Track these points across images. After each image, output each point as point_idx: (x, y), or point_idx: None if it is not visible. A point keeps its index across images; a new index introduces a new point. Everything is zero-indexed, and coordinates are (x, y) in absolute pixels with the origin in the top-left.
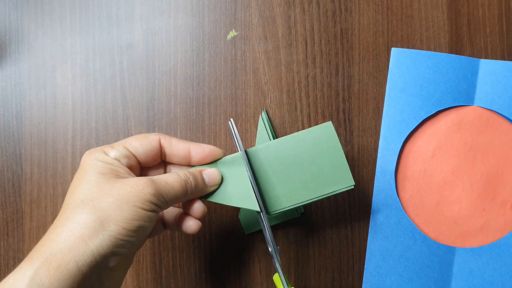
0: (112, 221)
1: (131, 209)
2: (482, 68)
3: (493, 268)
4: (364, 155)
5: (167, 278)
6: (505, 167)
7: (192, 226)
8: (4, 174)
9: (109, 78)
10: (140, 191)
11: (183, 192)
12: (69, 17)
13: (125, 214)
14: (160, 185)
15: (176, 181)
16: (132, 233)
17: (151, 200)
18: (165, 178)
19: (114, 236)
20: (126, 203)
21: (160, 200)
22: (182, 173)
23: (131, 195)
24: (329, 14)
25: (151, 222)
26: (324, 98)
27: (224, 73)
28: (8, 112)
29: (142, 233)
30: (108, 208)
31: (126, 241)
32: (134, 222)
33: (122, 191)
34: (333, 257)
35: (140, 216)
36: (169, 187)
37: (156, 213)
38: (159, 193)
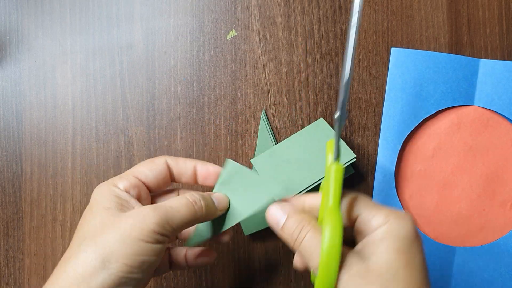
0: (114, 258)
1: (134, 243)
2: (482, 68)
3: (493, 268)
4: (364, 155)
5: (167, 278)
6: (504, 167)
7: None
8: (4, 174)
9: (109, 78)
10: (142, 221)
11: (191, 215)
12: (69, 17)
13: (127, 250)
14: (163, 211)
15: (183, 204)
16: (136, 269)
17: (154, 230)
18: (170, 203)
19: (116, 274)
20: (128, 237)
21: (166, 229)
22: (189, 195)
23: (133, 228)
24: (329, 14)
25: (157, 256)
26: (324, 98)
27: (224, 73)
28: (8, 112)
29: (148, 268)
30: (110, 244)
31: (130, 278)
32: (137, 257)
33: (124, 225)
34: None
35: (143, 251)
36: (175, 212)
37: (162, 244)
38: (163, 221)
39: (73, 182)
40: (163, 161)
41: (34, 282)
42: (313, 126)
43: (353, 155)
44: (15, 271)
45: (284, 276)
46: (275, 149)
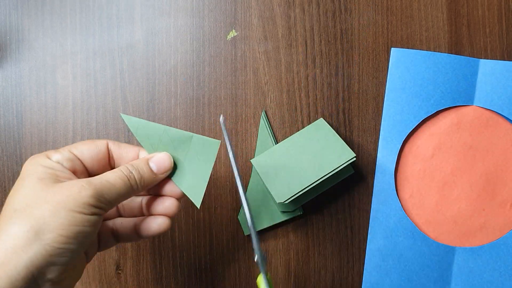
0: (47, 229)
1: (68, 214)
2: (482, 68)
3: (493, 268)
4: (364, 155)
5: (167, 278)
6: (504, 167)
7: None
8: (4, 174)
9: (109, 78)
10: (77, 193)
11: (126, 189)
12: (69, 18)
13: (61, 220)
14: (99, 185)
15: (118, 177)
16: (71, 239)
17: (89, 202)
18: (106, 176)
19: (50, 244)
20: (63, 208)
21: (101, 201)
22: (124, 167)
23: (68, 199)
24: (329, 14)
25: (93, 227)
26: (324, 98)
27: (224, 73)
28: (8, 112)
29: (83, 239)
30: (44, 215)
31: (65, 249)
32: (72, 227)
33: (58, 196)
34: (333, 257)
35: (78, 221)
36: (110, 186)
37: (98, 216)
38: (98, 194)
39: None
40: (104, 143)
41: None
42: (313, 126)
43: (353, 154)
44: None
45: (284, 276)
46: (275, 149)
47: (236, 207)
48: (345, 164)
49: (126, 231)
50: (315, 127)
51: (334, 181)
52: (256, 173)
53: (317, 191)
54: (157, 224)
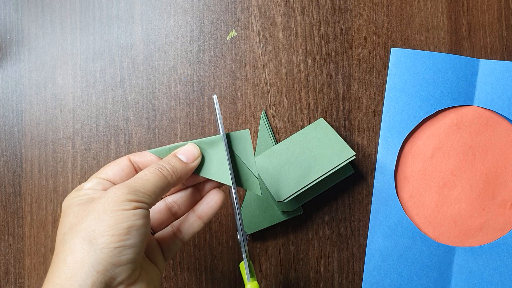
0: (98, 234)
1: (111, 215)
2: (482, 69)
3: (493, 268)
4: (364, 155)
5: (167, 278)
6: (504, 167)
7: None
8: (4, 174)
9: (109, 78)
10: (113, 196)
11: (162, 180)
12: (69, 18)
13: (107, 223)
14: (133, 183)
15: (150, 172)
16: (124, 236)
17: (128, 198)
18: (138, 175)
19: (107, 246)
20: (104, 213)
21: (140, 195)
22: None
23: (107, 203)
24: (329, 14)
25: (142, 219)
26: (324, 98)
27: (224, 73)
28: (8, 112)
29: (137, 233)
30: (90, 224)
31: (122, 247)
32: (120, 225)
33: (97, 206)
34: (333, 257)
35: (124, 217)
36: (144, 180)
37: (143, 209)
38: (134, 189)
39: (73, 182)
40: (125, 158)
41: (34, 282)
42: (313, 126)
43: (353, 153)
44: (15, 271)
45: (284, 276)
46: (275, 149)
47: None
48: (344, 162)
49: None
50: (315, 126)
51: (334, 181)
52: None
53: (317, 191)
54: (212, 197)
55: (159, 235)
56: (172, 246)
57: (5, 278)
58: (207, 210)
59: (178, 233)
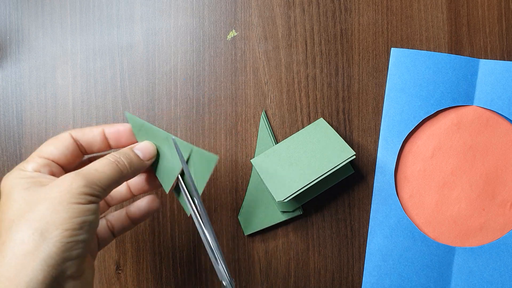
0: (52, 227)
1: (67, 207)
2: (482, 68)
3: (493, 268)
4: (364, 155)
5: (167, 278)
6: (504, 167)
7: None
8: (4, 174)
9: (109, 78)
10: (69, 186)
11: (117, 174)
12: (69, 18)
13: (62, 215)
14: (89, 174)
15: (106, 165)
16: (78, 231)
17: (84, 191)
18: (94, 166)
19: (60, 240)
20: (60, 204)
21: (95, 189)
22: (111, 155)
23: (63, 194)
24: (329, 14)
25: (95, 215)
26: (324, 98)
27: (224, 73)
28: (8, 112)
29: (89, 228)
30: (44, 214)
31: (74, 242)
32: (75, 219)
33: (52, 193)
34: (333, 257)
35: (79, 212)
36: (100, 173)
37: (96, 204)
38: (90, 183)
39: None
40: (67, 135)
41: None
42: (313, 126)
43: (352, 152)
44: None
45: (284, 276)
46: (275, 149)
47: (236, 207)
48: (344, 162)
49: (121, 221)
50: (315, 126)
51: (334, 180)
52: (256, 173)
53: (317, 191)
54: (146, 202)
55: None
56: (106, 238)
57: None
58: (139, 215)
59: (111, 227)
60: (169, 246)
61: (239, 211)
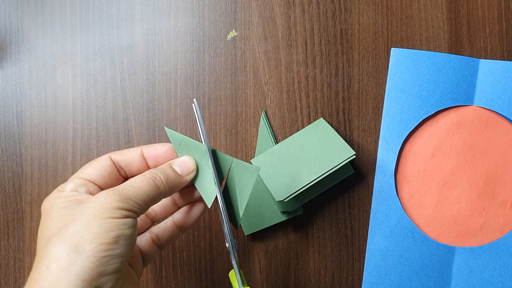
0: (86, 242)
1: (101, 222)
2: (482, 68)
3: (493, 268)
4: (364, 155)
5: (167, 278)
6: (504, 167)
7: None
8: (4, 174)
9: (109, 78)
10: (104, 201)
11: (154, 190)
12: (69, 18)
13: (97, 230)
14: (124, 190)
15: (143, 181)
16: (113, 245)
17: (119, 206)
18: (130, 182)
19: (94, 255)
20: (94, 219)
21: (131, 204)
22: (148, 171)
23: (97, 209)
24: (329, 14)
25: (131, 229)
26: (324, 98)
27: (224, 73)
28: (8, 112)
29: (126, 243)
30: (78, 230)
31: (110, 256)
32: (109, 233)
33: (87, 210)
34: (333, 257)
35: (114, 226)
36: (136, 189)
37: (133, 218)
38: (126, 198)
39: None
40: (106, 157)
41: None
42: (313, 126)
43: (352, 152)
44: (15, 271)
45: (284, 276)
46: (275, 149)
47: None
48: (344, 162)
49: (168, 231)
50: (315, 126)
51: (334, 180)
52: None
53: (317, 191)
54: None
55: (140, 240)
56: (151, 252)
57: (5, 278)
58: (186, 221)
59: (156, 239)
60: (169, 246)
61: None
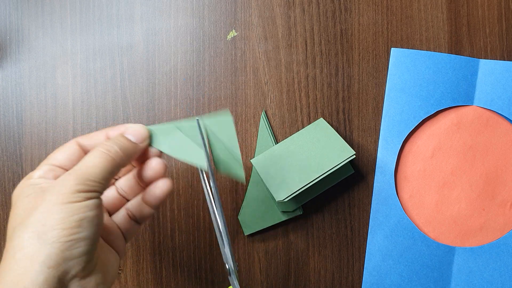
0: (48, 229)
1: (62, 208)
2: (482, 68)
3: (493, 268)
4: (364, 155)
5: (167, 278)
6: (504, 167)
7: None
8: (4, 174)
9: (109, 78)
10: (61, 187)
11: (111, 163)
12: (69, 18)
13: (58, 216)
14: (80, 172)
15: (97, 157)
16: (76, 229)
17: (78, 189)
18: (85, 161)
19: (58, 241)
20: (54, 205)
21: (90, 185)
22: (101, 145)
23: (56, 196)
24: (329, 14)
25: (94, 210)
26: (324, 98)
27: (224, 73)
28: (8, 112)
29: (90, 224)
30: (40, 218)
31: (75, 240)
32: (71, 218)
33: (47, 198)
34: (333, 257)
35: (75, 210)
36: (92, 167)
37: (95, 199)
38: (84, 179)
39: None
40: (73, 142)
41: None
42: (313, 126)
43: (352, 152)
44: None
45: (284, 276)
46: (275, 149)
47: (236, 207)
48: (344, 161)
49: (140, 208)
50: (315, 126)
51: (334, 180)
52: (256, 173)
53: (317, 191)
54: (158, 188)
55: (117, 217)
56: (130, 228)
57: None
58: (154, 198)
59: (132, 216)
60: (169, 246)
61: (239, 211)
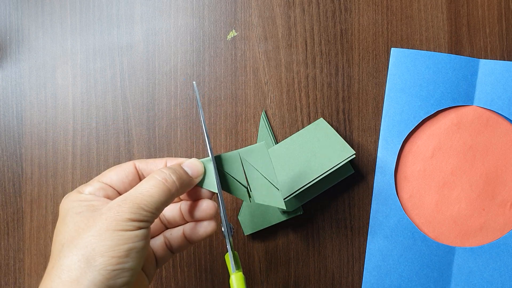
0: (97, 254)
1: (113, 235)
2: (482, 69)
3: (493, 268)
4: (363, 155)
5: (167, 278)
6: (504, 167)
7: (207, 227)
8: (4, 174)
9: (109, 78)
10: (115, 213)
11: (165, 194)
12: (69, 18)
13: (108, 243)
14: (135, 199)
15: (153, 186)
16: (123, 258)
17: (131, 218)
18: (140, 188)
19: (104, 268)
20: (106, 231)
21: (142, 214)
22: (158, 172)
23: (109, 222)
24: (329, 14)
25: (143, 240)
26: (324, 98)
27: (224, 73)
28: (8, 112)
29: (136, 255)
30: (90, 242)
31: (120, 269)
32: (121, 247)
33: (99, 222)
34: (333, 257)
35: (126, 239)
36: (147, 196)
37: (145, 229)
38: (137, 208)
39: (73, 182)
40: (130, 164)
41: (34, 282)
42: (313, 126)
43: (352, 152)
44: (15, 271)
45: (284, 276)
46: (275, 149)
47: (236, 207)
48: (344, 161)
49: (178, 240)
50: (315, 126)
51: (334, 180)
52: None
53: (317, 191)
54: (203, 228)
55: (154, 243)
56: (164, 256)
57: (5, 278)
58: (196, 236)
59: (169, 244)
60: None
61: (239, 211)
